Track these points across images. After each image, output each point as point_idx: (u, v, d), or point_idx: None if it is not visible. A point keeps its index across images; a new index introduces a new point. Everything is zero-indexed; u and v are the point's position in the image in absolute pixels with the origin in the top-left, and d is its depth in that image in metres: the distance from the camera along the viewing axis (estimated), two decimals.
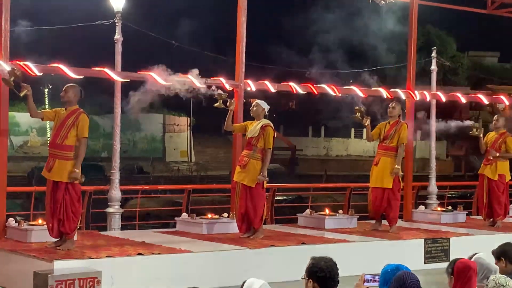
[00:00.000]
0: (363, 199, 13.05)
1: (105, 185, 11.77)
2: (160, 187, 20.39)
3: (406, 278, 4.48)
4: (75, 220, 8.57)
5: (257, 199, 9.97)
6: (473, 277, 5.16)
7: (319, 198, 18.62)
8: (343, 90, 12.45)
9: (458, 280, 5.14)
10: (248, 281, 4.37)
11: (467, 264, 5.17)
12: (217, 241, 9.76)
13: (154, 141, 47.00)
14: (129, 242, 9.44)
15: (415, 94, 13.18)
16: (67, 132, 8.52)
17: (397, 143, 11.17)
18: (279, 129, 46.01)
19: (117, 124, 11.10)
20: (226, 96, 10.19)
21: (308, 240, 10.10)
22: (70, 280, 7.50)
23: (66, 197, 8.47)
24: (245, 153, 10.10)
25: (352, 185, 14.86)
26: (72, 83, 8.83)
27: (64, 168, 8.46)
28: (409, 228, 11.98)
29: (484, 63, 55.06)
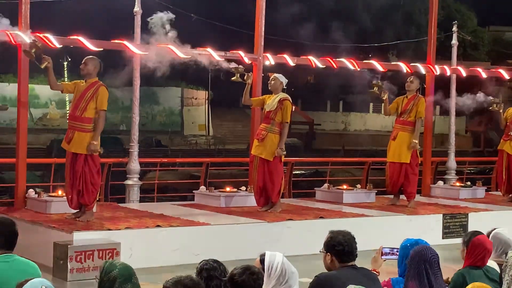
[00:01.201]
0: (381, 173, 13.03)
1: (123, 158, 11.82)
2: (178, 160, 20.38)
3: (426, 252, 4.46)
4: (94, 191, 8.63)
5: (275, 173, 9.98)
6: (486, 257, 5.15)
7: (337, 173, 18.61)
8: (362, 64, 12.41)
9: (470, 255, 5.14)
10: (267, 253, 4.37)
11: (483, 243, 5.15)
12: (235, 214, 9.80)
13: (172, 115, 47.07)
14: (148, 214, 9.49)
15: (435, 69, 13.11)
16: (86, 104, 8.55)
17: (414, 118, 11.14)
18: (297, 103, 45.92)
19: (136, 97, 11.11)
20: (243, 70, 10.17)
21: (326, 214, 10.12)
22: (89, 251, 7.57)
23: (86, 169, 8.52)
24: (263, 127, 10.09)
25: (370, 159, 14.86)
26: (91, 55, 8.84)
27: (83, 140, 8.50)
28: (428, 203, 11.97)
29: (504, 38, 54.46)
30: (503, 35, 54.92)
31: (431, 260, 4.45)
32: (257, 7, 11.26)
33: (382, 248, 5.18)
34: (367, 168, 14.15)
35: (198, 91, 48.10)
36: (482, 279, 4.98)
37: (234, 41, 11.65)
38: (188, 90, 47.70)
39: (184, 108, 47.40)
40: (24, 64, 9.37)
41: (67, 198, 8.75)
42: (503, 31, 55.51)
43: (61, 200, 9.17)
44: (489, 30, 54.39)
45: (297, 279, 4.36)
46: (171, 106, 47.01)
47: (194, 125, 47.37)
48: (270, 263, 4.32)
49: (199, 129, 47.10)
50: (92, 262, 7.55)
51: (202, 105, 47.96)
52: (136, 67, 10.94)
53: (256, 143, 10.14)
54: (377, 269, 5.13)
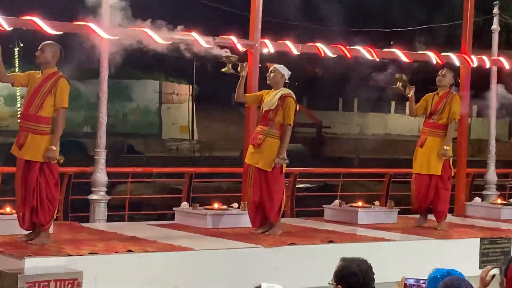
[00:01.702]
0: (405, 188, 13.04)
1: (88, 167, 11.82)
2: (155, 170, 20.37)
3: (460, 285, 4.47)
4: (51, 208, 8.62)
5: (275, 186, 10.00)
6: None
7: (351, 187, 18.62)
8: (382, 53, 12.44)
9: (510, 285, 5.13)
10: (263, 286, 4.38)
11: None
12: (225, 237, 9.81)
13: (148, 114, 47.09)
14: (117, 237, 9.50)
15: (471, 60, 13.14)
16: (42, 100, 8.54)
17: (447, 120, 11.17)
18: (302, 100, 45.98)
19: (104, 92, 11.11)
20: (237, 59, 10.19)
21: (336, 237, 10.13)
22: (44, 281, 7.56)
23: (41, 180, 8.51)
24: (259, 130, 10.11)
25: (391, 170, 14.88)
26: (50, 41, 8.84)
27: (38, 144, 8.49)
28: (462, 224, 12.00)
29: None
30: None
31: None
32: None
33: (405, 279, 5.18)
34: (387, 181, 14.17)
35: (180, 85, 48.12)
36: None
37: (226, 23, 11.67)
38: (167, 83, 47.71)
39: (162, 106, 47.41)
40: None
41: (17, 216, 8.73)
42: None
43: (10, 219, 9.16)
44: None
45: None
46: (147, 103, 47.02)
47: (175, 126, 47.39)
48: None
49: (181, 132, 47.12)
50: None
51: (185, 102, 47.98)
52: (104, 55, 10.94)
53: (251, 149, 10.15)
54: None
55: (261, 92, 10.46)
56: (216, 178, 19.39)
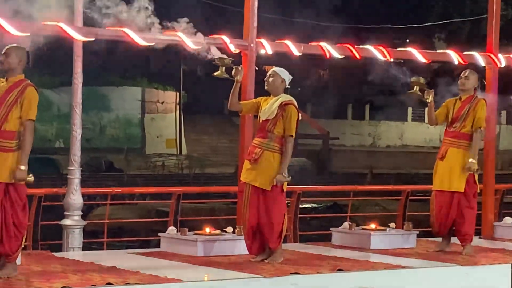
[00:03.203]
0: (425, 207, 13.05)
1: (60, 187, 11.84)
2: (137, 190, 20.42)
3: None
4: (19, 236, 8.61)
5: (275, 207, 10.00)
6: None
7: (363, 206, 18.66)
8: (396, 53, 12.46)
9: None
10: None
11: None
12: (218, 267, 9.80)
13: (129, 125, 47.16)
14: (94, 268, 9.49)
15: (498, 59, 13.15)
16: (7, 112, 8.54)
17: (471, 128, 11.18)
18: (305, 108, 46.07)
19: (77, 102, 11.12)
20: (231, 62, 10.21)
21: (346, 265, 10.12)
22: None
23: (6, 204, 8.50)
24: (257, 143, 10.12)
25: (409, 187, 14.87)
26: (15, 44, 8.86)
27: (3, 163, 8.49)
28: (490, 248, 12.00)
29: None
30: None
31: None
32: None
33: None
34: (404, 199, 14.17)
35: (166, 92, 48.20)
36: None
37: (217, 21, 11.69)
38: (151, 90, 47.79)
39: (146, 116, 47.49)
40: None
41: None
42: None
43: None
44: None
45: None
46: (128, 113, 47.07)
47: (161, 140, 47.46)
48: None
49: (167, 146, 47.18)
50: None
51: (172, 111, 48.06)
52: (77, 59, 10.97)
53: (247, 165, 10.16)
54: None
55: (258, 99, 10.46)
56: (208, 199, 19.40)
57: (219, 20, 11.77)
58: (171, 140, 47.51)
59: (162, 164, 42.24)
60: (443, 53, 13.43)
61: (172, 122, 47.89)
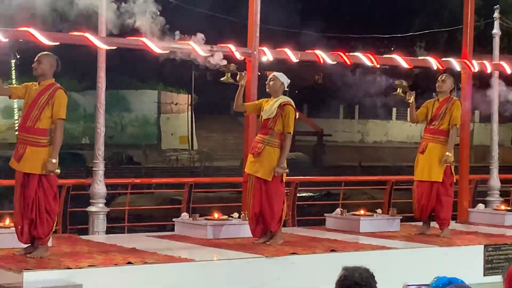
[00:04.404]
0: (407, 195, 13.04)
1: (86, 179, 11.84)
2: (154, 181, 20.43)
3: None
4: (50, 221, 8.62)
5: (275, 195, 10.00)
6: None
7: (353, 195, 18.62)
8: (382, 59, 12.45)
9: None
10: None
11: None
12: (225, 248, 9.80)
13: (147, 124, 47.05)
14: (117, 249, 9.49)
15: (472, 65, 13.14)
16: (40, 112, 8.55)
17: (448, 125, 11.18)
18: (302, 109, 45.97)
19: (101, 103, 11.12)
20: (236, 68, 10.20)
21: (338, 246, 10.13)
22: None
23: (40, 193, 8.52)
24: (259, 139, 10.11)
25: (393, 178, 14.86)
26: (46, 52, 8.86)
27: (37, 157, 8.50)
28: (465, 231, 11.99)
29: None
30: None
31: None
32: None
33: (407, 286, 5.18)
34: (389, 188, 14.15)
35: (179, 95, 48.08)
36: None
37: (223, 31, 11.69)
38: (166, 93, 47.68)
39: (161, 116, 47.37)
40: None
41: (16, 229, 8.74)
42: None
43: (8, 232, 9.16)
44: None
45: None
46: (146, 114, 46.96)
47: (174, 137, 47.35)
48: None
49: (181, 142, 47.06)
50: None
51: (184, 112, 47.94)
52: (101, 65, 10.97)
53: (251, 158, 10.16)
54: None
55: (260, 100, 10.46)
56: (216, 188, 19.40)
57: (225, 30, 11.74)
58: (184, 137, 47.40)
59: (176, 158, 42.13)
60: (424, 60, 13.42)
61: (184, 121, 47.79)
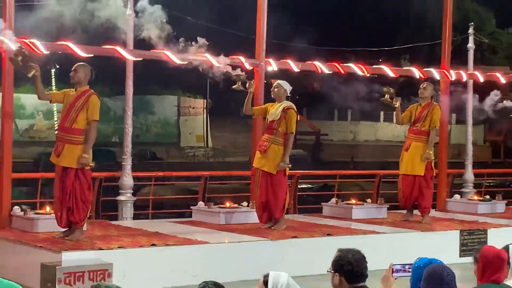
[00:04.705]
0: (393, 187, 13.01)
1: (116, 172, 11.84)
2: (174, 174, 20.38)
3: (442, 272, 4.43)
4: (85, 208, 8.64)
5: (279, 187, 9.99)
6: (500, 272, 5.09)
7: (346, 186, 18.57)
8: (372, 69, 12.44)
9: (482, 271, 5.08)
10: (271, 274, 4.37)
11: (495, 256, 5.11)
12: (236, 232, 9.80)
13: (168, 125, 47.07)
14: (142, 233, 9.50)
15: (450, 74, 13.12)
16: (76, 114, 8.57)
17: (429, 127, 11.16)
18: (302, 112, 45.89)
19: (129, 107, 11.13)
20: (246, 77, 10.20)
21: (334, 231, 10.12)
22: (79, 272, 7.58)
23: (76, 184, 8.53)
24: (265, 138, 10.11)
25: (381, 172, 14.85)
26: (82, 62, 8.87)
27: (73, 153, 8.52)
28: (443, 218, 11.97)
29: None
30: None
31: (448, 279, 4.42)
32: (258, 9, 11.28)
33: (393, 265, 5.17)
34: (378, 181, 14.13)
35: (196, 100, 48.10)
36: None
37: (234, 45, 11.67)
38: (185, 98, 47.71)
39: (180, 118, 47.39)
40: (9, 72, 9.39)
41: (55, 215, 8.76)
42: None
43: (49, 218, 9.17)
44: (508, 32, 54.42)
45: None
46: (167, 116, 47.00)
47: (192, 136, 47.35)
48: (274, 284, 4.32)
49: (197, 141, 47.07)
50: (82, 284, 7.56)
51: (200, 114, 47.95)
52: (129, 74, 10.98)
53: (258, 155, 10.15)
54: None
55: (266, 105, 10.45)
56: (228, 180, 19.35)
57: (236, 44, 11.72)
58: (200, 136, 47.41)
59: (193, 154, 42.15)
60: (408, 70, 13.40)
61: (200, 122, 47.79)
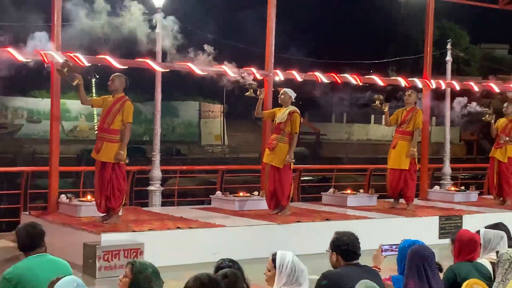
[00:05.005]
0: (382, 179, 12.97)
1: (147, 166, 11.87)
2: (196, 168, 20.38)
3: (423, 251, 4.45)
4: (121, 196, 8.66)
5: (285, 179, 9.99)
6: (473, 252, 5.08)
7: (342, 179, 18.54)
8: (364, 79, 12.41)
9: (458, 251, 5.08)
10: (278, 253, 4.38)
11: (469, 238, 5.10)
12: (248, 217, 9.80)
13: (190, 126, 47.15)
14: (169, 217, 9.52)
15: (431, 83, 13.09)
16: (113, 117, 8.59)
17: (413, 128, 11.13)
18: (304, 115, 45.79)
19: (158, 111, 11.16)
20: (256, 86, 10.22)
21: (331, 216, 10.11)
22: (115, 251, 7.60)
23: (113, 176, 8.55)
24: (273, 137, 10.11)
25: (372, 166, 14.82)
26: (118, 73, 8.89)
27: (111, 150, 8.54)
28: (425, 206, 11.93)
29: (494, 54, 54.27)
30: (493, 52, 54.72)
31: (429, 258, 4.43)
32: (267, 29, 11.30)
33: (382, 246, 5.17)
34: (369, 174, 14.12)
35: (214, 105, 48.16)
36: (472, 273, 4.93)
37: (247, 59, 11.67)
38: (205, 103, 47.79)
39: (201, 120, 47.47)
40: (56, 81, 9.43)
41: (96, 202, 8.79)
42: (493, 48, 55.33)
43: (90, 205, 9.21)
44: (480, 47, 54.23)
45: (307, 276, 4.36)
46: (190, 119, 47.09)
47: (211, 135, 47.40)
48: (281, 261, 4.33)
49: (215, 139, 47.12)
50: (118, 260, 7.58)
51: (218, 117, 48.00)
52: (158, 83, 10.99)
53: (267, 151, 10.15)
54: (378, 266, 5.12)
55: (274, 109, 10.45)
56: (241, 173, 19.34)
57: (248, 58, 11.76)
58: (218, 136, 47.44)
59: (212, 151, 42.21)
60: (395, 79, 13.37)
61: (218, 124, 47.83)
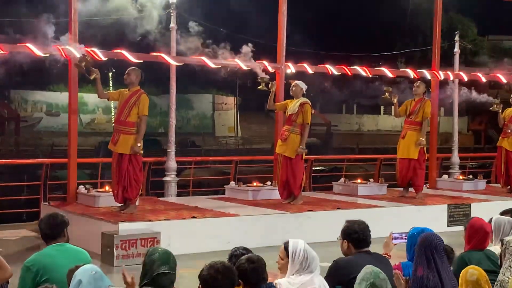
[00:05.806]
0: (392, 169, 12.96)
1: (162, 157, 11.89)
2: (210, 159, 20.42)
3: (432, 238, 4.44)
4: (137, 187, 8.69)
5: (297, 169, 9.98)
6: (485, 240, 5.07)
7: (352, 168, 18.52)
8: (374, 71, 12.36)
9: (470, 239, 5.07)
10: (291, 241, 4.39)
11: (481, 226, 5.08)
12: (261, 206, 9.81)
13: (204, 118, 47.19)
14: (184, 207, 9.54)
15: (439, 74, 13.01)
16: (129, 110, 8.60)
17: (421, 118, 11.08)
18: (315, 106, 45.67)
19: (173, 103, 11.16)
20: (268, 79, 10.21)
21: (342, 205, 10.10)
22: (133, 239, 7.63)
23: (130, 167, 8.58)
24: (285, 128, 10.09)
25: (382, 156, 14.77)
26: (133, 67, 8.90)
27: (127, 142, 8.56)
28: (434, 194, 11.89)
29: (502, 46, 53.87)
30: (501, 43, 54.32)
31: (437, 245, 4.41)
32: (279, 23, 11.27)
33: (392, 234, 5.16)
34: (379, 164, 14.09)
35: (228, 97, 48.16)
36: (483, 260, 4.92)
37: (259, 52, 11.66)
38: (218, 96, 47.79)
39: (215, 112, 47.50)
40: (74, 75, 9.46)
41: (113, 193, 8.82)
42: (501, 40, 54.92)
43: (108, 195, 9.25)
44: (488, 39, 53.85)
45: (318, 263, 4.37)
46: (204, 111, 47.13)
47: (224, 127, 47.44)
48: (293, 249, 4.33)
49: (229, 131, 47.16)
50: (135, 249, 7.62)
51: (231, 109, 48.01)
52: (172, 76, 11.00)
53: (279, 142, 10.15)
54: (388, 253, 5.11)
55: (286, 101, 10.43)
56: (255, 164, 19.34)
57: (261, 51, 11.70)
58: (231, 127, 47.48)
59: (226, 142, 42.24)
60: (404, 71, 13.29)
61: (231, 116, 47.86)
